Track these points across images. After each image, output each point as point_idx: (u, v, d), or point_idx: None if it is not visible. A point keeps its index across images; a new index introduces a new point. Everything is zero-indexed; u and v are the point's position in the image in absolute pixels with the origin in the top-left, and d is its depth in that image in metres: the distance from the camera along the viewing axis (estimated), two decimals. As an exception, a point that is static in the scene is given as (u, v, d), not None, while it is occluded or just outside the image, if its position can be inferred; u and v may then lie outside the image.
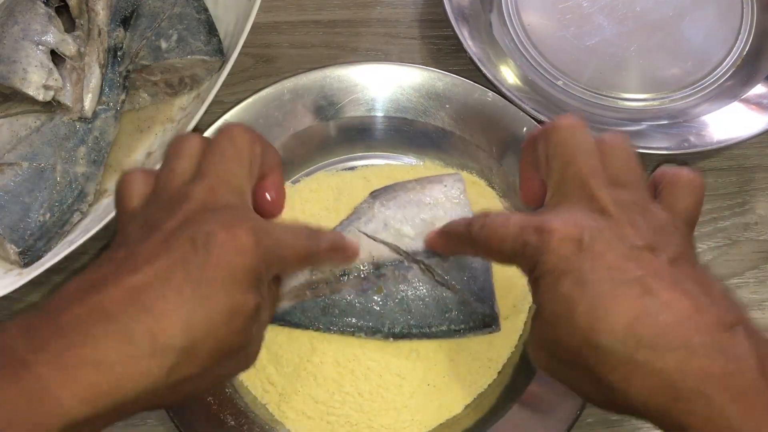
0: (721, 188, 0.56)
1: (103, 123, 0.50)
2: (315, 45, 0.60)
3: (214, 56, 0.51)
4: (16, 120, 0.49)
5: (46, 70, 0.48)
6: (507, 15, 0.60)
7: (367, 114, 0.53)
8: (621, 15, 0.59)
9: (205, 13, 0.53)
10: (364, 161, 0.53)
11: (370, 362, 0.45)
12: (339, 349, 0.46)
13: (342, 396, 0.45)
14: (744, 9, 0.60)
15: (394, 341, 0.46)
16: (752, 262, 0.53)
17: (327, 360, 0.45)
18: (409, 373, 0.45)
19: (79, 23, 0.51)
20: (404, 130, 0.53)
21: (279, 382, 0.45)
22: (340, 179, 0.52)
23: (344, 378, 0.45)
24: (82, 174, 0.49)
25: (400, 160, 0.53)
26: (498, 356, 0.47)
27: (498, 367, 0.47)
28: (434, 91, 0.52)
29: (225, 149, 0.35)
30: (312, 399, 0.45)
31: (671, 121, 0.56)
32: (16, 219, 0.46)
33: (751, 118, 0.54)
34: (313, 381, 0.45)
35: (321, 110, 0.52)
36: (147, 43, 0.51)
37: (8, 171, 0.47)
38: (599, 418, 0.48)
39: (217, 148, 0.35)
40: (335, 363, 0.45)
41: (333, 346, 0.46)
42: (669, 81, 0.58)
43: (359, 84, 0.52)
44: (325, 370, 0.45)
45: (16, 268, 0.47)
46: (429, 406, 0.45)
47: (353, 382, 0.45)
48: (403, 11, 0.61)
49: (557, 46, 0.58)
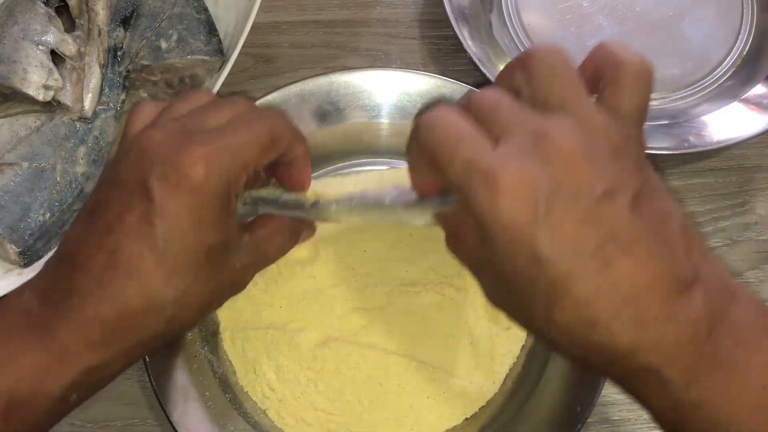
0: (721, 188, 0.56)
1: (103, 123, 0.50)
2: (315, 45, 0.60)
3: (214, 56, 0.51)
4: (16, 120, 0.49)
5: (46, 70, 0.48)
6: (507, 15, 0.60)
7: (373, 120, 0.52)
8: (621, 15, 0.59)
9: (205, 13, 0.53)
10: (369, 168, 0.53)
11: (372, 371, 0.45)
12: (340, 357, 0.45)
13: (342, 404, 0.45)
14: (744, 9, 0.60)
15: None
16: (752, 262, 0.53)
17: (328, 367, 0.45)
18: (409, 383, 0.45)
19: (79, 23, 0.51)
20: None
21: (279, 389, 0.45)
22: (341, 185, 0.51)
23: (345, 386, 0.45)
24: (82, 174, 0.49)
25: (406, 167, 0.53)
26: (500, 369, 0.47)
27: (500, 380, 0.46)
28: (440, 99, 0.52)
29: (238, 128, 0.34)
30: (312, 406, 0.45)
31: (671, 121, 0.56)
32: (16, 219, 0.46)
33: (751, 118, 0.54)
34: (313, 388, 0.45)
35: (327, 116, 0.52)
36: (147, 43, 0.51)
37: (8, 171, 0.47)
38: (599, 418, 0.48)
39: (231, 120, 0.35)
40: (336, 371, 0.45)
41: (334, 354, 0.45)
42: (669, 81, 0.58)
43: (365, 90, 0.52)
44: (325, 377, 0.45)
45: (16, 268, 0.47)
46: (429, 417, 0.45)
47: (354, 390, 0.45)
48: (403, 11, 0.61)
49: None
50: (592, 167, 0.28)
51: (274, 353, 0.46)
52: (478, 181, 0.27)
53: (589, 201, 0.28)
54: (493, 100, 0.30)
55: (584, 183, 0.28)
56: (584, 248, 0.27)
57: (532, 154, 0.28)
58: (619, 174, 0.28)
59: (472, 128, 0.29)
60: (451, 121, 0.29)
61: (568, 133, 0.28)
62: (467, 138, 0.28)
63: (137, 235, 0.32)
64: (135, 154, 0.33)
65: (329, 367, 0.45)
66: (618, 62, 0.30)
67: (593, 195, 0.28)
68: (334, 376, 0.45)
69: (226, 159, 0.33)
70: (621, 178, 0.28)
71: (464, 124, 0.29)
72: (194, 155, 0.32)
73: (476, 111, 0.30)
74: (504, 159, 0.27)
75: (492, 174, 0.27)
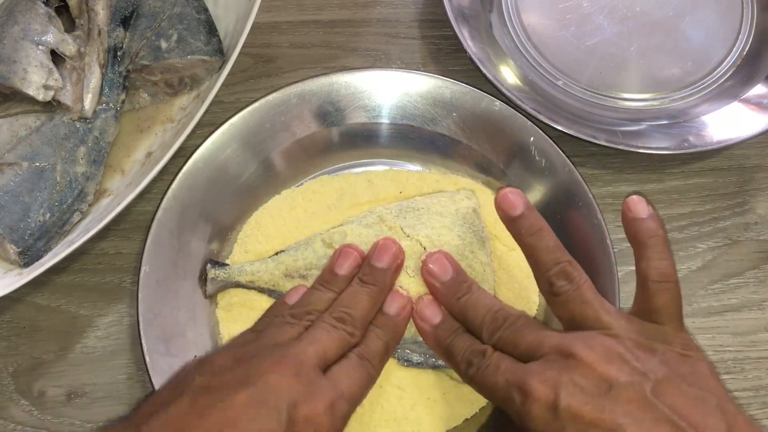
0: (721, 188, 0.56)
1: (103, 123, 0.50)
2: (315, 45, 0.60)
3: (214, 56, 0.51)
4: (16, 120, 0.49)
5: (46, 70, 0.48)
6: (507, 15, 0.60)
7: (374, 120, 0.52)
8: (621, 15, 0.59)
9: (205, 13, 0.53)
10: (370, 168, 0.53)
11: None
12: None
13: None
14: (744, 9, 0.60)
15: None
16: (752, 262, 0.53)
17: None
18: (409, 385, 0.45)
19: (79, 23, 0.51)
20: (410, 137, 0.53)
21: None
22: (343, 181, 0.52)
23: None
24: (82, 174, 0.49)
25: (406, 168, 0.53)
26: None
27: None
28: (441, 99, 0.52)
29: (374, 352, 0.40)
30: None
31: (671, 121, 0.56)
32: (16, 219, 0.46)
33: (751, 118, 0.54)
34: None
35: (327, 116, 0.52)
36: (147, 43, 0.51)
37: (8, 171, 0.47)
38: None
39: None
40: None
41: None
42: (669, 81, 0.58)
43: (366, 90, 0.52)
44: None
45: (16, 268, 0.47)
46: (429, 419, 0.45)
47: None
48: (403, 11, 0.61)
49: (557, 46, 0.58)
50: (614, 365, 0.33)
51: None
52: (515, 393, 0.35)
53: (609, 389, 0.33)
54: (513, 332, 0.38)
55: (604, 378, 0.33)
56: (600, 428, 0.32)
57: (555, 366, 0.34)
58: (643, 366, 0.33)
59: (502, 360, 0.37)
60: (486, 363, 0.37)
61: (588, 347, 0.34)
62: (501, 369, 0.37)
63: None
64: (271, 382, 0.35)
65: None
66: (644, 271, 0.38)
67: (615, 383, 0.33)
68: None
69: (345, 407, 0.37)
70: (644, 369, 0.33)
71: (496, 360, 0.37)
72: (327, 400, 0.35)
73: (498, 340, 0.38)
74: (531, 374, 0.35)
75: (523, 384, 0.34)
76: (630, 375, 0.33)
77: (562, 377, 0.34)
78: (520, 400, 0.34)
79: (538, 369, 0.35)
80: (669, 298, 0.37)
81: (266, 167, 0.51)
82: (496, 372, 0.37)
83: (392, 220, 0.46)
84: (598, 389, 0.33)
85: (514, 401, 0.35)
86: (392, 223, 0.46)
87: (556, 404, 0.33)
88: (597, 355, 0.34)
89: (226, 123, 0.50)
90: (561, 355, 0.35)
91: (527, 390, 0.34)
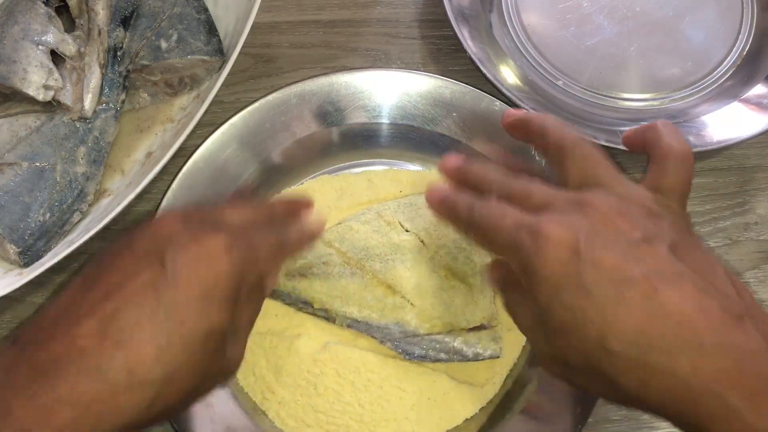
0: (721, 188, 0.56)
1: (103, 123, 0.50)
2: (315, 45, 0.60)
3: (214, 56, 0.51)
4: (16, 120, 0.49)
5: (46, 70, 0.48)
6: (507, 15, 0.60)
7: (374, 120, 0.52)
8: (621, 15, 0.59)
9: (205, 13, 0.53)
10: (370, 168, 0.53)
11: (371, 374, 0.45)
12: (340, 361, 0.45)
13: (342, 406, 0.45)
14: (744, 9, 0.60)
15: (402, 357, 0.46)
16: (752, 262, 0.53)
17: (327, 371, 0.45)
18: (409, 386, 0.45)
19: (79, 23, 0.51)
20: (410, 137, 0.53)
21: (279, 391, 0.45)
22: (343, 181, 0.52)
23: (344, 389, 0.45)
24: (82, 174, 0.49)
25: (406, 168, 0.53)
26: (500, 370, 0.47)
27: (500, 380, 0.47)
28: (441, 99, 0.52)
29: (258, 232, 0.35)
30: (312, 408, 0.45)
31: (671, 121, 0.56)
32: (16, 219, 0.46)
33: (751, 118, 0.54)
34: (313, 390, 0.45)
35: (327, 116, 0.52)
36: (147, 43, 0.51)
37: (8, 171, 0.47)
38: (600, 417, 0.48)
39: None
40: (336, 374, 0.45)
41: (333, 357, 0.45)
42: (669, 81, 0.58)
43: (366, 90, 0.52)
44: (325, 380, 0.45)
45: (16, 268, 0.47)
46: (429, 418, 0.45)
47: (353, 392, 0.45)
48: (403, 11, 0.61)
49: (557, 46, 0.58)
50: (628, 220, 0.31)
51: (272, 357, 0.46)
52: (524, 235, 0.31)
53: (628, 243, 0.31)
54: (523, 184, 0.35)
55: (621, 230, 0.31)
56: (629, 278, 0.30)
57: (571, 213, 0.32)
58: (655, 227, 0.31)
59: (511, 207, 0.34)
60: (492, 205, 0.34)
61: (603, 198, 0.32)
62: (509, 213, 0.33)
63: (138, 302, 0.29)
64: (152, 230, 0.32)
65: (329, 370, 0.45)
66: (665, 147, 0.35)
67: (631, 239, 0.31)
68: (333, 380, 0.45)
69: (248, 251, 0.32)
70: (656, 231, 0.31)
71: (503, 205, 0.34)
72: (219, 237, 0.31)
73: (507, 194, 0.35)
74: (546, 218, 0.32)
75: (536, 226, 0.31)
76: (645, 232, 0.31)
77: (581, 222, 0.31)
78: (531, 241, 0.31)
79: (553, 215, 0.32)
80: (686, 177, 0.34)
81: (266, 167, 0.51)
82: (503, 215, 0.33)
83: (391, 216, 0.46)
84: (617, 239, 0.31)
85: (522, 244, 0.31)
86: (391, 218, 0.46)
87: (575, 247, 0.30)
88: (615, 210, 0.32)
89: (226, 123, 0.50)
90: (577, 205, 0.32)
91: (542, 231, 0.31)
